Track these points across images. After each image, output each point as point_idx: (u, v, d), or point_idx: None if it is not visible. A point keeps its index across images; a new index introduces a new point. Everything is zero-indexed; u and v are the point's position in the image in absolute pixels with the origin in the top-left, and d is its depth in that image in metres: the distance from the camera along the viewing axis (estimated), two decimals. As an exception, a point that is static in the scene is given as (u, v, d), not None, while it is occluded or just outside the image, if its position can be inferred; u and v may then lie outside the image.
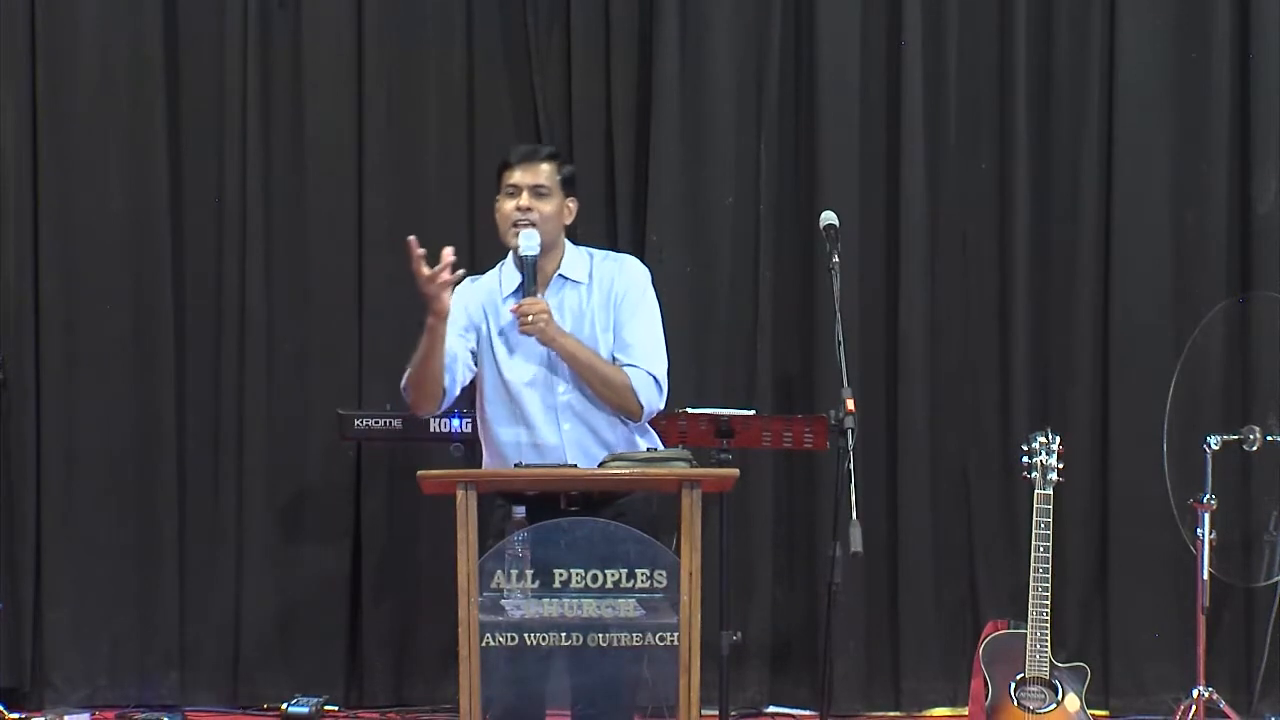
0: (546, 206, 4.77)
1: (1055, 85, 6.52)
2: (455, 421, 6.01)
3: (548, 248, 4.76)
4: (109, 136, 6.49)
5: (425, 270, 4.58)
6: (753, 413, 5.80)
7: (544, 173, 4.79)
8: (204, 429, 6.53)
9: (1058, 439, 5.66)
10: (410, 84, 6.55)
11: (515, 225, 4.76)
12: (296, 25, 6.52)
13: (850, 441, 4.73)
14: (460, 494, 4.28)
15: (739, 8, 6.50)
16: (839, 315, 4.83)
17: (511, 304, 4.74)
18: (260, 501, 6.50)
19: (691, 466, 4.48)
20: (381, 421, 6.15)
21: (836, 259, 4.96)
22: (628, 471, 4.48)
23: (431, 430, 6.07)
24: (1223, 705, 5.88)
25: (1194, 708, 5.81)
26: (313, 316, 6.55)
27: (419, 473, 4.38)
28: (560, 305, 4.77)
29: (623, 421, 4.79)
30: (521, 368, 4.76)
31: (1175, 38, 6.50)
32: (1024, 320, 6.52)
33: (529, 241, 4.71)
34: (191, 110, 6.53)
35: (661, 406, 4.87)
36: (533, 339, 4.72)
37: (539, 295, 4.72)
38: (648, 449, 4.74)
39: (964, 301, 6.57)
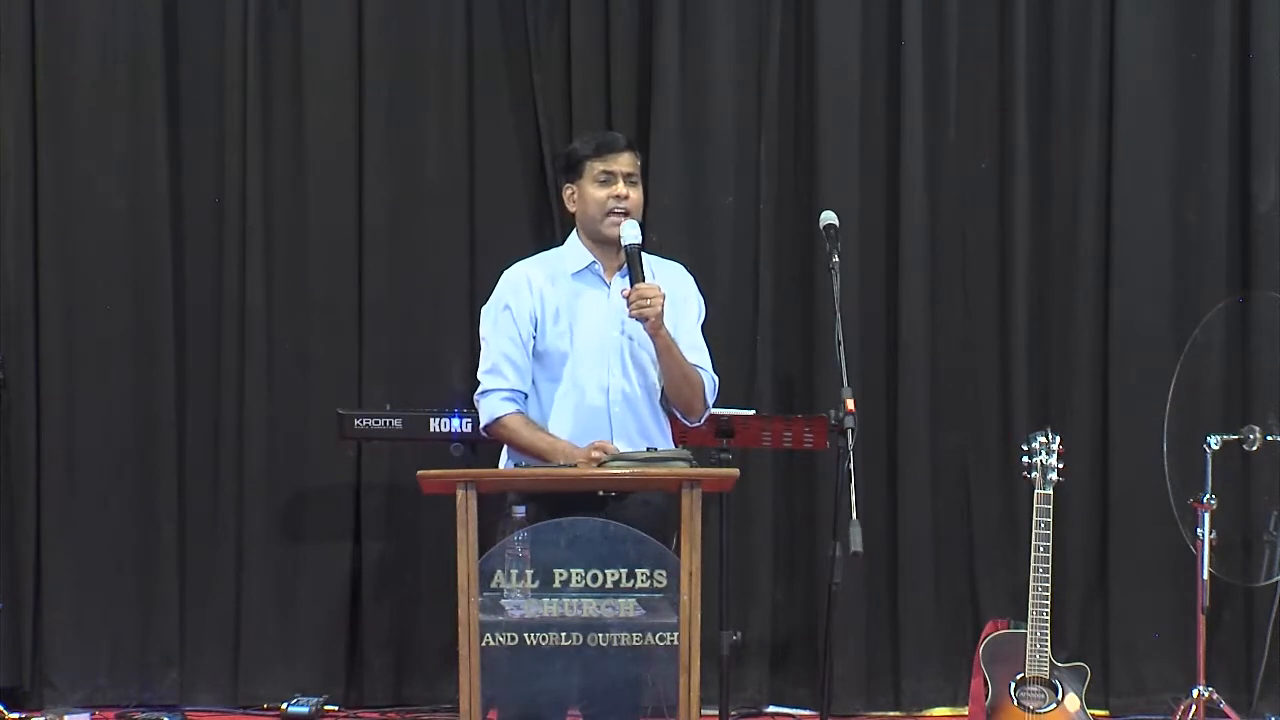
0: (636, 194, 4.79)
1: (1055, 85, 6.53)
2: (455, 421, 6.02)
3: None
4: (109, 136, 6.49)
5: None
6: (753, 413, 5.81)
7: (630, 161, 4.81)
8: (204, 429, 6.53)
9: (1058, 439, 5.66)
10: (410, 84, 6.55)
11: (613, 214, 4.74)
12: (296, 25, 6.52)
13: (850, 441, 4.72)
14: (460, 494, 4.28)
15: (739, 7, 6.51)
16: (839, 315, 4.82)
17: (622, 288, 4.70)
18: (260, 501, 6.49)
19: (691, 466, 4.49)
20: (381, 421, 6.14)
21: (836, 259, 4.95)
22: (628, 471, 4.48)
23: (431, 430, 6.07)
24: (1223, 705, 5.88)
25: (1194, 708, 5.81)
26: (313, 316, 6.55)
27: (419, 473, 4.38)
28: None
29: (660, 416, 4.81)
30: (578, 349, 4.74)
31: (1175, 38, 6.50)
32: (1024, 320, 6.52)
33: (632, 231, 4.69)
34: (191, 110, 6.53)
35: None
36: (597, 322, 4.73)
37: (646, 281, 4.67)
38: (648, 448, 4.74)
39: (964, 301, 6.57)
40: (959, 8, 6.52)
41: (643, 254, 4.75)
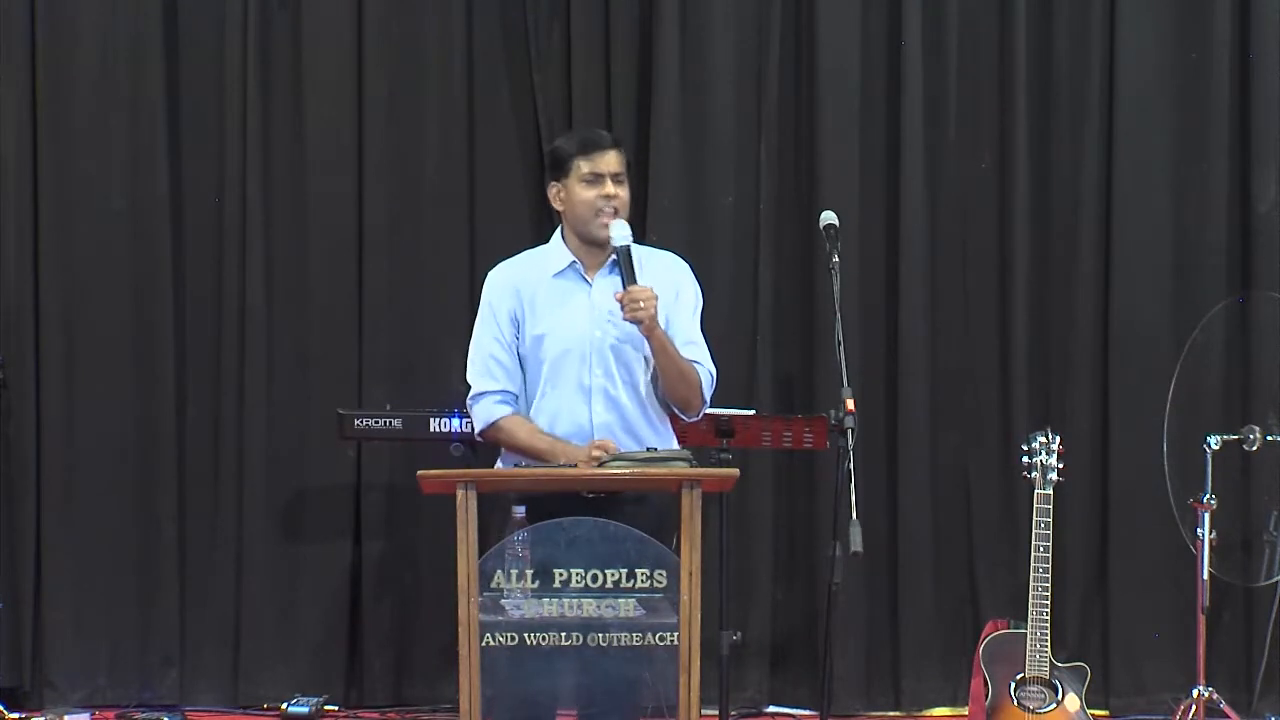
0: (624, 193, 4.75)
1: (1055, 85, 6.53)
2: (455, 421, 6.01)
3: None
4: (109, 136, 6.49)
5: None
6: (753, 413, 5.80)
7: (618, 160, 4.77)
8: (204, 429, 6.53)
9: (1058, 439, 5.66)
10: (410, 84, 6.55)
11: (602, 214, 4.71)
12: (296, 25, 6.52)
13: (850, 441, 4.72)
14: (460, 494, 4.28)
15: (739, 7, 6.51)
16: (839, 315, 4.82)
17: (615, 291, 4.66)
18: (260, 501, 6.49)
19: (691, 466, 4.48)
20: (381, 421, 6.15)
21: (836, 259, 4.95)
22: (628, 471, 4.48)
23: (431, 430, 6.07)
24: (1223, 705, 5.88)
25: (1194, 708, 5.81)
26: (313, 316, 6.55)
27: (419, 473, 4.38)
28: (612, 290, 4.73)
29: (651, 415, 4.79)
30: (557, 348, 4.73)
31: (1175, 38, 6.50)
32: (1024, 320, 6.52)
33: (622, 231, 4.67)
34: (191, 110, 6.53)
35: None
36: (577, 320, 4.71)
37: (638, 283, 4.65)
38: (647, 448, 4.73)
39: (964, 301, 6.57)
40: (959, 8, 6.52)
41: (634, 246, 4.70)
